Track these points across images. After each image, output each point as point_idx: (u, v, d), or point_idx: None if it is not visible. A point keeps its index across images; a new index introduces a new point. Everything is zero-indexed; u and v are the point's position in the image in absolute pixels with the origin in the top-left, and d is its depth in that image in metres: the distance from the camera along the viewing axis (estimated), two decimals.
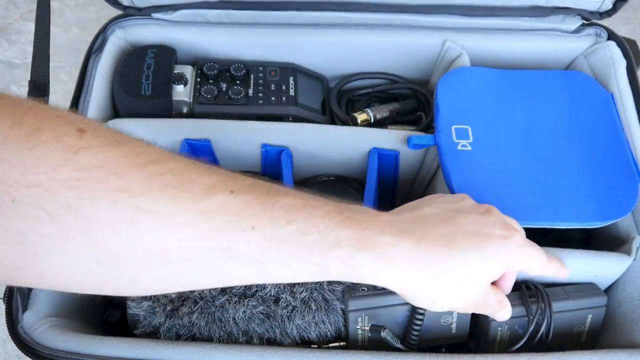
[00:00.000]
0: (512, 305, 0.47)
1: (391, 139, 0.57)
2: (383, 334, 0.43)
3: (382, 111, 0.65)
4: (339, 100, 0.67)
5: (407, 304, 0.45)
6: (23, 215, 0.27)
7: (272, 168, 0.60)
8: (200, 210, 0.30)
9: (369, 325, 0.45)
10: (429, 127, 0.63)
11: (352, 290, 0.45)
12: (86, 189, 0.27)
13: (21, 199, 0.26)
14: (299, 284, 0.45)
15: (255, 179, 0.33)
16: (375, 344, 0.46)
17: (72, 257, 0.29)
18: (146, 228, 0.29)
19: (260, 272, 0.32)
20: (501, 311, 0.42)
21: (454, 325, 0.48)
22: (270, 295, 0.45)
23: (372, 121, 0.64)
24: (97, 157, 0.28)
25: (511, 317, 0.47)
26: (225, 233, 0.30)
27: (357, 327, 0.45)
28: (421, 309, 0.44)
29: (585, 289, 0.49)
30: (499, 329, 0.47)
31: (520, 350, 0.45)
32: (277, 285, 0.45)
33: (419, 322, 0.45)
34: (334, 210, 0.34)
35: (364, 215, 0.35)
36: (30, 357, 0.43)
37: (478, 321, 0.49)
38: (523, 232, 0.42)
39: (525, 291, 0.47)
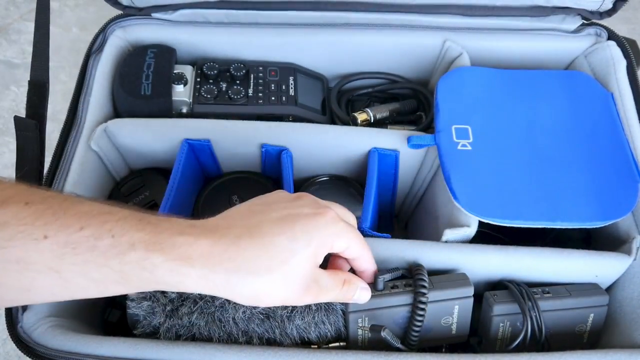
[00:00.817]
0: (506, 302, 0.47)
1: (391, 139, 0.57)
2: (383, 333, 0.43)
3: (382, 111, 0.65)
4: (339, 100, 0.67)
5: (408, 305, 0.45)
6: None
7: (271, 168, 0.60)
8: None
9: (369, 325, 0.45)
10: (429, 127, 0.63)
11: None
12: None
13: None
14: None
15: (55, 192, 0.33)
16: (375, 344, 0.46)
17: None
18: None
19: (60, 283, 0.32)
20: (354, 292, 0.41)
21: (454, 326, 0.48)
22: None
23: (372, 121, 0.64)
24: None
25: (510, 313, 0.47)
26: (18, 243, 0.30)
27: (358, 327, 0.45)
28: (421, 310, 0.44)
29: (587, 287, 0.49)
30: (501, 324, 0.47)
31: (521, 350, 0.45)
32: None
33: (419, 323, 0.45)
34: (131, 215, 0.33)
35: (165, 221, 0.34)
36: (30, 357, 0.43)
37: (480, 317, 0.49)
38: (349, 217, 0.41)
39: (514, 289, 0.47)
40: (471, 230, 0.49)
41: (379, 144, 0.57)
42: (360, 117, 0.63)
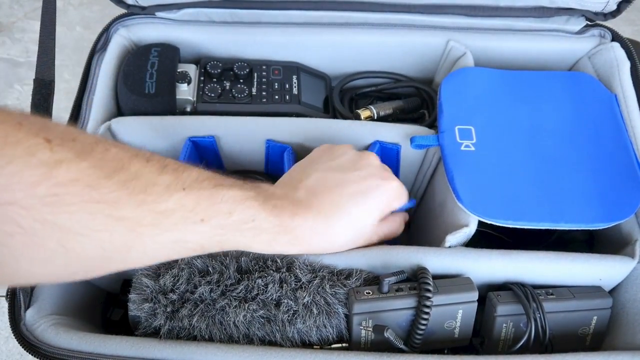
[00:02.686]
0: (509, 302, 0.47)
1: (394, 133, 0.57)
2: (386, 334, 0.43)
3: (386, 108, 0.65)
4: (342, 99, 0.67)
5: (412, 308, 0.45)
6: None
7: (274, 166, 0.60)
8: (161, 211, 0.34)
9: (373, 325, 0.45)
10: (432, 125, 0.63)
11: (356, 293, 0.45)
12: (64, 203, 0.29)
13: None
14: (301, 288, 0.45)
15: (200, 170, 0.38)
16: (377, 347, 0.46)
17: (41, 264, 0.30)
18: (117, 233, 0.32)
19: (199, 252, 0.38)
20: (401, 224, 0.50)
21: (457, 330, 0.47)
22: (271, 299, 0.44)
23: (375, 118, 0.64)
24: (71, 171, 0.29)
25: (513, 314, 0.47)
26: (180, 227, 0.35)
27: (361, 327, 0.45)
28: (426, 313, 0.44)
29: (591, 290, 0.49)
30: (504, 325, 0.47)
31: (524, 351, 0.45)
32: (279, 289, 0.45)
33: (422, 326, 0.44)
34: (265, 202, 0.40)
35: (282, 200, 0.42)
36: (32, 354, 0.43)
37: (483, 318, 0.49)
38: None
39: (518, 290, 0.47)
40: (470, 230, 0.49)
41: (381, 138, 0.57)
42: (364, 114, 0.63)
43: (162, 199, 0.34)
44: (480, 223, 0.50)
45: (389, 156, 0.58)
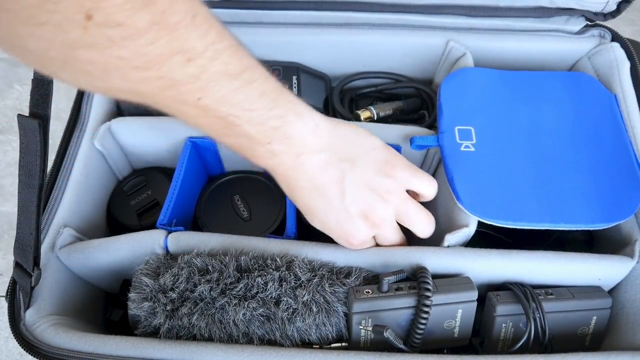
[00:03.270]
0: (509, 302, 0.47)
1: (394, 134, 0.57)
2: (386, 334, 0.43)
3: (386, 109, 0.65)
4: (341, 99, 0.67)
5: (412, 307, 0.45)
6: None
7: None
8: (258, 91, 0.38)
9: (373, 325, 0.45)
10: (432, 125, 0.63)
11: (356, 292, 0.45)
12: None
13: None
14: (301, 287, 0.45)
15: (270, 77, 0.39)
16: (377, 346, 0.46)
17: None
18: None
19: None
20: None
21: (456, 330, 0.47)
22: (271, 297, 0.44)
23: (375, 119, 0.64)
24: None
25: (513, 314, 0.47)
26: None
27: (360, 327, 0.45)
28: (425, 313, 0.44)
29: (591, 290, 0.49)
30: (504, 325, 0.47)
31: (523, 351, 0.45)
32: (278, 287, 0.45)
33: (422, 326, 0.44)
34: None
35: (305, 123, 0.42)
36: (31, 354, 0.43)
37: (482, 318, 0.49)
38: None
39: (518, 290, 0.47)
40: (470, 230, 0.49)
41: (381, 139, 0.57)
42: (364, 114, 0.63)
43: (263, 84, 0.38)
44: (480, 223, 0.50)
45: None
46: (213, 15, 0.33)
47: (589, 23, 0.64)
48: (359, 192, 0.45)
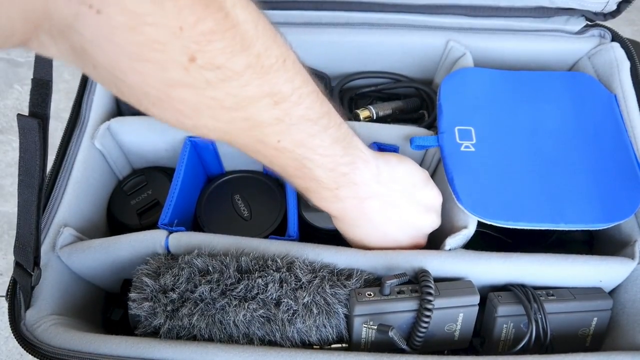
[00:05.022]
0: (510, 303, 0.47)
1: (393, 134, 0.57)
2: (390, 333, 0.43)
3: (385, 108, 0.65)
4: (341, 98, 0.67)
5: (413, 310, 0.45)
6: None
7: None
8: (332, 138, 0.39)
9: (377, 325, 0.45)
10: (432, 125, 0.63)
11: (358, 294, 0.45)
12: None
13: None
14: (301, 288, 0.45)
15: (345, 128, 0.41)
16: (377, 347, 0.46)
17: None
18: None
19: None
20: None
21: (457, 333, 0.47)
22: (271, 298, 0.44)
23: (374, 118, 0.64)
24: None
25: (514, 315, 0.47)
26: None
27: (364, 326, 0.45)
28: (427, 316, 0.44)
29: (592, 291, 0.49)
30: (504, 326, 0.47)
31: (524, 352, 0.45)
32: (279, 288, 0.45)
33: (423, 329, 0.44)
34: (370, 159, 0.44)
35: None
36: (32, 354, 0.43)
37: (483, 318, 0.49)
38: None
39: (519, 291, 0.47)
40: (469, 231, 0.49)
41: (380, 139, 0.57)
42: (363, 114, 0.63)
43: (336, 130, 0.40)
44: (480, 223, 0.50)
45: None
46: (300, 60, 0.35)
47: (589, 23, 0.64)
48: (414, 226, 0.48)
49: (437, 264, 0.47)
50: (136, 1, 0.26)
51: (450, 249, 0.49)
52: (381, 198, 0.45)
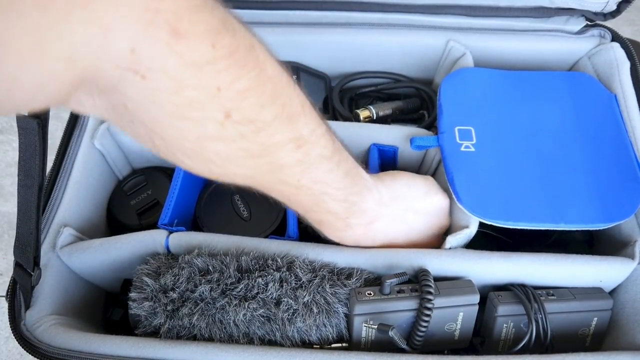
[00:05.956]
0: (510, 302, 0.47)
1: (393, 135, 0.57)
2: (391, 333, 0.43)
3: (385, 108, 0.65)
4: (341, 98, 0.67)
5: (413, 310, 0.45)
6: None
7: None
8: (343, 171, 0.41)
9: (377, 324, 0.45)
10: (432, 125, 0.63)
11: (358, 294, 0.45)
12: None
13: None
14: (302, 287, 0.45)
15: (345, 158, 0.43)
16: (377, 347, 0.46)
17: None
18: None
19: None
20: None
21: (457, 332, 0.47)
22: (271, 298, 0.44)
23: (374, 118, 0.64)
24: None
25: (515, 315, 0.47)
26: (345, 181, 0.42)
27: (364, 326, 0.45)
28: (427, 316, 0.44)
29: (592, 291, 0.49)
30: (505, 325, 0.47)
31: (523, 352, 0.45)
32: (279, 288, 0.45)
33: (423, 328, 0.44)
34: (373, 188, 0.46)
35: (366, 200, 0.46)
36: (32, 354, 0.43)
37: (484, 318, 0.49)
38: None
39: (519, 291, 0.47)
40: (471, 231, 0.49)
41: (380, 139, 0.57)
42: (363, 114, 0.63)
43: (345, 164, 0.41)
44: (480, 224, 0.50)
45: (388, 158, 0.58)
46: (313, 103, 0.38)
47: (589, 23, 0.64)
48: (422, 234, 0.50)
49: (437, 262, 0.47)
50: (179, 67, 0.27)
51: (450, 248, 0.49)
52: (386, 218, 0.47)
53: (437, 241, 0.52)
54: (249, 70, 0.30)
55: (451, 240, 0.49)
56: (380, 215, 0.47)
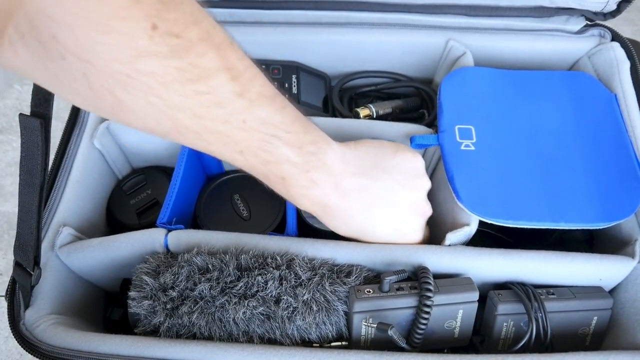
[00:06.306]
0: (511, 301, 0.47)
1: (394, 132, 0.57)
2: (390, 332, 0.43)
3: (385, 107, 0.65)
4: (341, 98, 0.67)
5: (413, 307, 0.45)
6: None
7: None
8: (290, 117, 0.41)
9: (376, 323, 0.45)
10: (432, 124, 0.63)
11: (357, 291, 0.45)
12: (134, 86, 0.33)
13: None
14: (301, 285, 0.45)
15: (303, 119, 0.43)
16: (377, 345, 0.46)
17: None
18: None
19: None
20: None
21: (456, 330, 0.47)
22: (271, 296, 0.44)
23: (374, 117, 0.64)
24: (155, 66, 0.33)
25: (515, 313, 0.47)
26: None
27: (364, 324, 0.45)
28: (426, 313, 0.44)
29: (592, 290, 0.49)
30: (505, 324, 0.47)
31: (524, 351, 0.45)
32: (278, 286, 0.45)
33: (423, 326, 0.44)
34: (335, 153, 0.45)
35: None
36: (31, 354, 0.43)
37: (484, 316, 0.49)
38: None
39: (519, 289, 0.47)
40: (471, 229, 0.49)
41: (380, 136, 0.57)
42: (363, 112, 0.63)
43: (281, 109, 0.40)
44: (480, 223, 0.50)
45: None
46: (254, 62, 0.38)
47: (589, 23, 0.64)
48: (400, 197, 0.47)
49: (436, 259, 0.47)
50: None
51: (450, 245, 0.49)
52: (354, 178, 0.45)
53: (425, 229, 0.51)
54: None
55: (451, 237, 0.49)
56: (346, 174, 0.45)
